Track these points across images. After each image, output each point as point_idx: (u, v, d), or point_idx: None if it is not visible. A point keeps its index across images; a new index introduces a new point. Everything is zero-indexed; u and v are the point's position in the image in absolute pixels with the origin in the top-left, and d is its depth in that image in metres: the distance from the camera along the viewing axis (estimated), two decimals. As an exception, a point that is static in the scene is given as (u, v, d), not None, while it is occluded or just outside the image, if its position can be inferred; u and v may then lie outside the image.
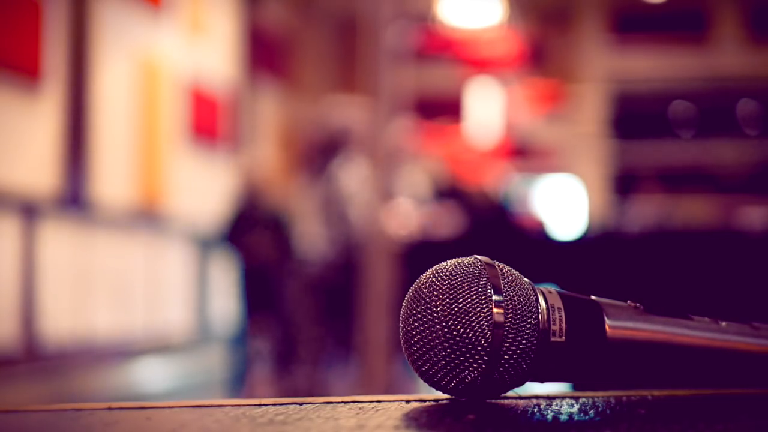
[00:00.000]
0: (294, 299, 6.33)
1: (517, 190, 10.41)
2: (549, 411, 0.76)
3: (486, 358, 0.74)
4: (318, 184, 5.91)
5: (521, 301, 0.76)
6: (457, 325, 0.74)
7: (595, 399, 0.81)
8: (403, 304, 0.78)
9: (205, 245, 10.17)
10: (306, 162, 6.35)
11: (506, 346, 0.74)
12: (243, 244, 7.25)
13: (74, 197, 7.88)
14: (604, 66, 14.21)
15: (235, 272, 7.39)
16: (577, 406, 0.77)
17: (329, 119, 6.04)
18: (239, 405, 0.77)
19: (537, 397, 0.81)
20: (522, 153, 13.44)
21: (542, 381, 0.79)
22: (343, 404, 0.77)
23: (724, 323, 0.85)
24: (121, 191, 8.68)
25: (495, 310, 0.74)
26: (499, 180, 9.84)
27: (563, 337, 0.77)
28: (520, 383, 0.77)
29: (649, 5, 14.14)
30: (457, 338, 0.74)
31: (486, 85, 12.26)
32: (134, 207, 8.81)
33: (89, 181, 8.11)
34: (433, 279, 0.77)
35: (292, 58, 13.21)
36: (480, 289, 0.75)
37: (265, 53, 12.14)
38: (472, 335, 0.74)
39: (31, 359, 7.09)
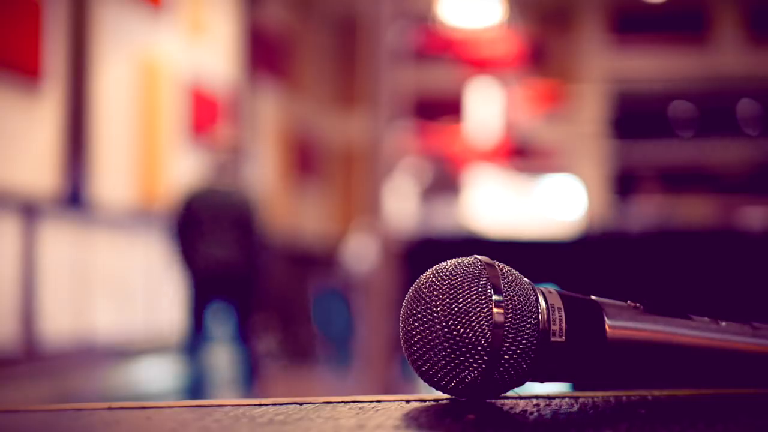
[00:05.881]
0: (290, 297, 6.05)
1: None
2: (549, 411, 0.75)
3: (486, 358, 0.74)
4: None
5: (521, 301, 0.76)
6: (457, 325, 0.74)
7: (595, 399, 0.81)
8: (403, 304, 0.78)
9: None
10: None
11: (506, 346, 0.74)
12: (198, 253, 6.21)
13: (74, 197, 7.88)
14: (604, 66, 14.21)
15: (187, 281, 6.41)
16: (577, 406, 0.77)
17: None
18: (239, 405, 0.77)
19: (537, 397, 0.81)
20: (522, 153, 13.43)
21: (542, 381, 0.79)
22: (343, 404, 0.77)
23: (724, 323, 0.85)
24: (121, 191, 8.68)
25: (495, 310, 0.74)
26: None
27: (563, 337, 0.77)
28: (520, 383, 0.77)
29: (649, 5, 14.14)
30: (457, 338, 0.74)
31: (486, 85, 12.25)
32: (134, 207, 8.81)
33: (89, 181, 8.11)
34: (433, 279, 0.77)
35: (292, 58, 13.21)
36: (480, 289, 0.75)
37: (265, 53, 12.14)
38: (472, 335, 0.74)
39: (31, 359, 7.09)
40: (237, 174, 6.45)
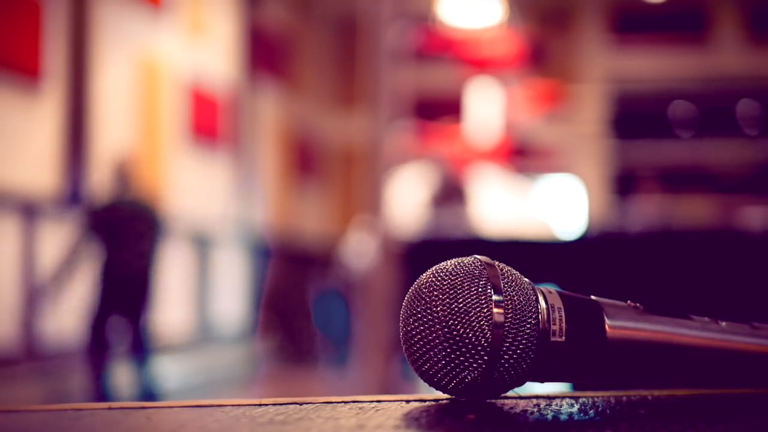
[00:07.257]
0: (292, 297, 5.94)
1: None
2: (549, 411, 0.75)
3: (486, 358, 0.74)
4: None
5: (521, 301, 0.76)
6: (457, 325, 0.74)
7: (595, 399, 0.81)
8: (403, 304, 0.78)
9: (205, 245, 10.17)
10: None
11: (506, 346, 0.74)
12: (113, 253, 6.26)
13: (74, 197, 7.87)
14: (604, 66, 14.21)
15: (97, 276, 6.39)
16: (577, 406, 0.77)
17: None
18: (239, 405, 0.77)
19: (537, 397, 0.81)
20: (522, 153, 13.43)
21: (542, 381, 0.79)
22: (343, 404, 0.77)
23: (724, 323, 0.85)
24: (121, 191, 8.67)
25: (495, 310, 0.74)
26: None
27: (563, 337, 0.77)
28: (520, 383, 0.77)
29: (649, 5, 14.14)
30: (457, 338, 0.74)
31: (486, 85, 12.25)
32: (134, 207, 8.80)
33: (89, 180, 8.11)
34: (433, 279, 0.76)
35: (292, 58, 13.21)
36: (480, 289, 0.75)
37: (265, 53, 12.14)
38: (472, 335, 0.74)
39: (31, 359, 7.09)
40: (133, 184, 6.55)
